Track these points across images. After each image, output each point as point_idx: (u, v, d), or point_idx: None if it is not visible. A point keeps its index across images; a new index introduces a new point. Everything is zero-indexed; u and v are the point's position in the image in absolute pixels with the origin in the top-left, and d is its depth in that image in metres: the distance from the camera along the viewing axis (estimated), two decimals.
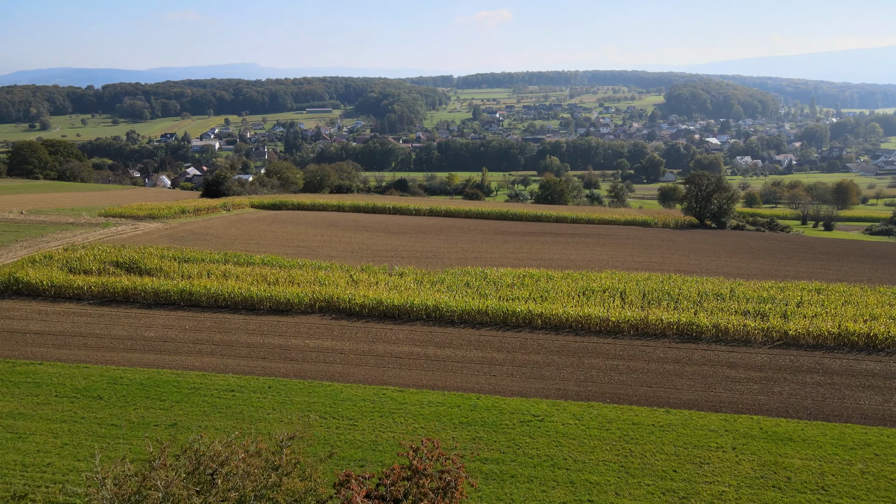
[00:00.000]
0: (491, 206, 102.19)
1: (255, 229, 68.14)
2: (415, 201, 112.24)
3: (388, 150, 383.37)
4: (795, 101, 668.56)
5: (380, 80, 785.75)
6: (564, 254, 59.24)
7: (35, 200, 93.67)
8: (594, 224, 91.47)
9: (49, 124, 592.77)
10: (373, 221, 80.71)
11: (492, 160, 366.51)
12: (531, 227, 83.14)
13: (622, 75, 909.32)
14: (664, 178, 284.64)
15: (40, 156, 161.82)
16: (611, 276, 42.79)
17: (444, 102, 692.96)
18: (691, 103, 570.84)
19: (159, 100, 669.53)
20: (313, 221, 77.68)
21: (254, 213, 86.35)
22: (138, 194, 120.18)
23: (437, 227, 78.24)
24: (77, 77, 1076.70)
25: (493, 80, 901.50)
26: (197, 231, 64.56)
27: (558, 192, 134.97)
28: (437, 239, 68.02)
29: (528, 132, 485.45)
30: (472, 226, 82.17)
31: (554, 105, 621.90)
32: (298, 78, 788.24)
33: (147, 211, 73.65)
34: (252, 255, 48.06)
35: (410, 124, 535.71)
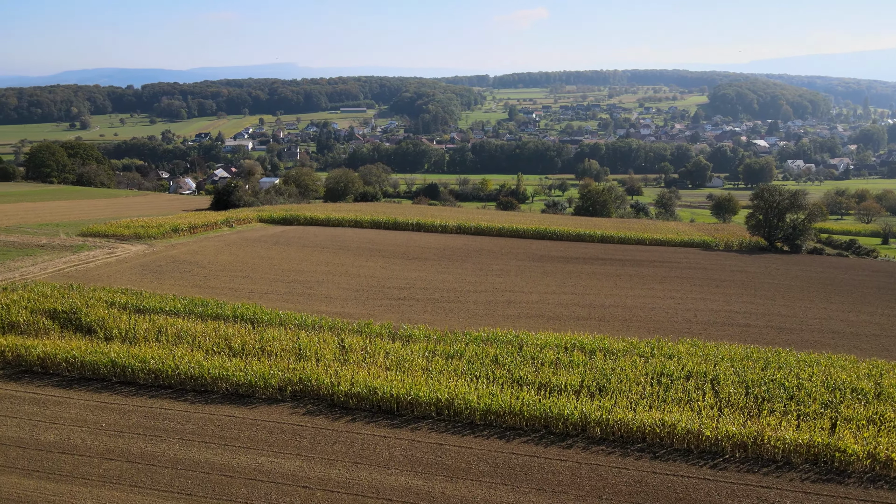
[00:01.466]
0: (527, 222, 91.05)
1: (250, 254, 58.44)
2: (442, 213, 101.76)
3: (420, 151, 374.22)
4: (846, 102, 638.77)
5: (415, 80, 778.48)
6: (619, 296, 47.93)
7: (26, 211, 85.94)
8: (645, 245, 79.74)
9: (89, 124, 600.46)
10: (391, 242, 70.42)
11: (527, 162, 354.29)
12: (573, 250, 71.82)
13: (663, 74, 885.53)
14: (711, 184, 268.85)
15: (58, 158, 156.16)
16: (691, 347, 31.47)
17: (479, 102, 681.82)
18: (736, 103, 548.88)
19: (196, 99, 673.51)
20: (323, 242, 67.72)
21: (260, 229, 76.90)
22: (148, 202, 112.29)
23: (465, 251, 67.57)
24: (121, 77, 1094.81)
25: (529, 79, 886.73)
26: (181, 258, 55.12)
27: (601, 203, 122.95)
28: (463, 268, 57.33)
29: (566, 133, 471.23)
30: (505, 247, 71.25)
31: (592, 105, 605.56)
32: (333, 77, 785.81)
33: (134, 229, 64.66)
34: (225, 303, 38.06)
35: (445, 125, 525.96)
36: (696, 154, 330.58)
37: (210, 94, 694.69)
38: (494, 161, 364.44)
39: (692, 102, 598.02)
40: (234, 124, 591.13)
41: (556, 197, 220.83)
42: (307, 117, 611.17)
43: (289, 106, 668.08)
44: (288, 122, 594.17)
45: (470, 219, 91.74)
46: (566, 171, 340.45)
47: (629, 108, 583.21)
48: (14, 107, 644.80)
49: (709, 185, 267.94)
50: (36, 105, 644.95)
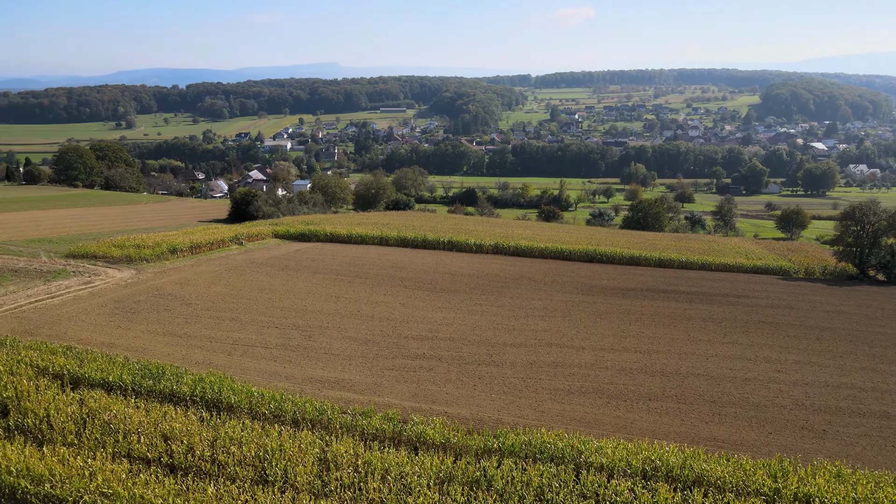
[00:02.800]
0: (572, 241, 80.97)
1: (250, 285, 50.03)
2: (478, 227, 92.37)
3: (459, 152, 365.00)
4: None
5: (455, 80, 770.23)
6: (696, 355, 37.80)
7: (28, 221, 79.73)
8: (711, 271, 68.96)
9: (134, 123, 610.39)
10: (418, 266, 61.35)
11: (569, 165, 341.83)
12: (628, 277, 61.63)
13: (711, 74, 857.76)
14: (767, 190, 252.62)
15: (86, 161, 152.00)
16: (835, 483, 21.13)
17: (520, 102, 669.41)
18: (791, 104, 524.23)
19: (238, 99, 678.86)
20: (338, 267, 59.05)
21: (272, 247, 68.75)
22: (166, 210, 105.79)
23: (502, 278, 58.09)
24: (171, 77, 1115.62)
25: (572, 79, 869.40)
26: (166, 290, 47.01)
27: (653, 216, 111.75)
28: (499, 306, 47.83)
29: (610, 134, 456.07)
30: (549, 273, 61.49)
31: (637, 105, 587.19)
32: (374, 77, 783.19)
33: (126, 250, 57.03)
34: (186, 372, 29.41)
35: (485, 125, 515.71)
36: (749, 157, 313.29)
37: (252, 93, 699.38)
38: (535, 163, 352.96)
39: (743, 103, 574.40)
40: (275, 124, 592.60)
41: (601, 204, 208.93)
42: (346, 117, 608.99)
43: (329, 105, 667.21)
44: (327, 122, 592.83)
45: (509, 235, 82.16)
46: (610, 174, 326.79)
47: (676, 109, 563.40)
48: (64, 106, 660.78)
49: (765, 191, 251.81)
50: (84, 104, 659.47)
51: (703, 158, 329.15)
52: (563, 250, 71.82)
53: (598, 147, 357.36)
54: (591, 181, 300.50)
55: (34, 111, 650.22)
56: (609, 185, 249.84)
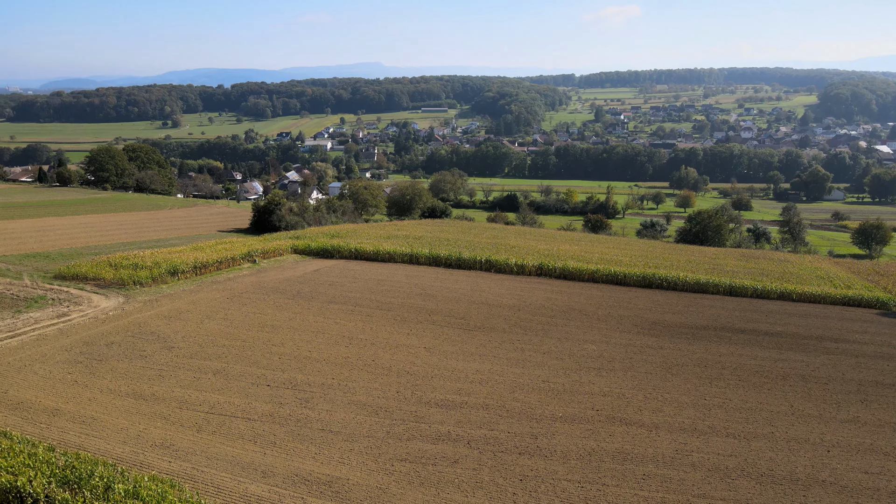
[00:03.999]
0: (626, 261, 71.77)
1: (251, 319, 42.64)
2: (520, 241, 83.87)
3: (501, 154, 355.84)
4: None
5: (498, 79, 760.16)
6: (810, 443, 28.64)
7: (33, 231, 74.44)
8: (793, 301, 59.07)
9: (180, 122, 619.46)
10: (450, 294, 53.24)
11: (615, 168, 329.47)
12: (696, 310, 52.34)
13: (764, 73, 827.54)
14: (830, 196, 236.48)
15: (118, 162, 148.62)
16: None
17: (564, 102, 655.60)
18: (851, 104, 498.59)
19: (281, 98, 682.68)
20: (359, 295, 51.33)
21: (288, 267, 61.55)
22: (187, 217, 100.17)
23: (547, 311, 49.55)
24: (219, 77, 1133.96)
25: (617, 78, 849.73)
26: (151, 326, 39.93)
27: (714, 229, 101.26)
28: (545, 352, 39.39)
29: (657, 136, 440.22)
30: (602, 303, 52.70)
31: (686, 106, 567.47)
32: (416, 77, 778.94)
33: (121, 271, 50.40)
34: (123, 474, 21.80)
35: (528, 125, 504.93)
36: (808, 161, 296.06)
37: (295, 93, 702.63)
38: (579, 165, 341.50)
39: (799, 103, 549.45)
40: (316, 123, 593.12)
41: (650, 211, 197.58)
42: (388, 117, 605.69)
43: (370, 105, 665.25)
44: (368, 122, 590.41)
45: (554, 253, 73.43)
46: (658, 177, 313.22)
47: (727, 110, 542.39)
48: (113, 105, 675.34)
49: (828, 198, 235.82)
50: (133, 104, 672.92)
51: (758, 162, 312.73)
52: (617, 274, 62.76)
53: (644, 149, 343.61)
54: (638, 185, 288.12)
55: (85, 110, 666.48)
56: (658, 189, 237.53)
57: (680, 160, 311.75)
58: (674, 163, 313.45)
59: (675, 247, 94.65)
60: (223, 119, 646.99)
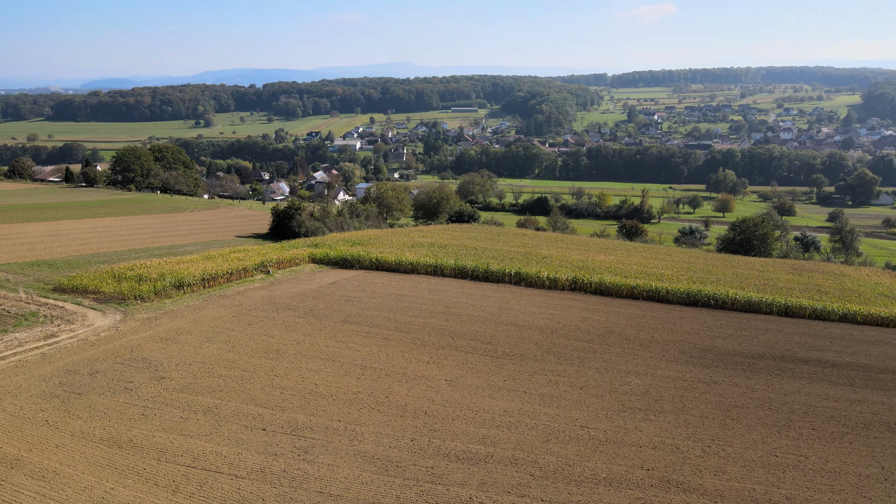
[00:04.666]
0: (668, 274, 66.35)
1: (255, 342, 38.66)
2: (552, 250, 78.95)
3: (531, 154, 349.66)
4: None
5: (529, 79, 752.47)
6: None
7: (45, 235, 71.84)
8: (856, 325, 53.31)
9: (212, 122, 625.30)
10: (475, 313, 48.68)
11: (649, 170, 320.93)
12: (749, 335, 46.95)
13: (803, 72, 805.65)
14: (879, 201, 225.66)
15: (143, 162, 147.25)
16: None
17: (596, 102, 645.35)
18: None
19: (311, 98, 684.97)
20: (376, 312, 47.07)
21: (304, 278, 57.66)
22: (207, 221, 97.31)
23: (584, 336, 44.68)
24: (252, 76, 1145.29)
25: (650, 78, 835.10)
26: (145, 350, 36.18)
27: (760, 237, 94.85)
28: (582, 388, 34.63)
29: (692, 137, 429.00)
30: (644, 325, 47.63)
31: (722, 106, 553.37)
32: (446, 76, 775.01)
33: (123, 284, 46.94)
34: None
35: (559, 126, 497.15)
36: (852, 163, 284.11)
37: (325, 92, 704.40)
38: (611, 167, 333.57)
39: (841, 103, 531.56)
40: (346, 123, 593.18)
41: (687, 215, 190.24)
42: (417, 116, 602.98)
43: (400, 105, 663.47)
44: (398, 122, 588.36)
45: (589, 264, 68.37)
46: (694, 179, 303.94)
47: (765, 110, 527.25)
48: (148, 105, 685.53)
49: (875, 202, 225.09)
50: (167, 103, 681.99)
51: (800, 164, 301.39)
52: (659, 290, 57.49)
53: (679, 150, 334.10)
54: (673, 187, 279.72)
55: (121, 110, 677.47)
56: (694, 193, 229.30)
57: (717, 162, 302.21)
58: (710, 164, 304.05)
59: (717, 257, 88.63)
60: (254, 119, 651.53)
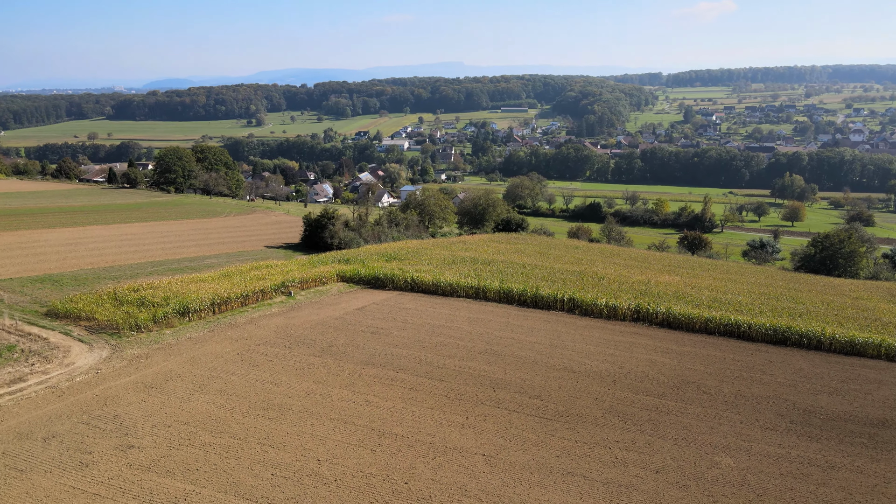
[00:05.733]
0: (746, 300, 57.41)
1: (255, 392, 32.23)
2: (608, 268, 70.73)
3: (583, 156, 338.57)
4: None
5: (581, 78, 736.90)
6: None
7: (64, 244, 67.58)
8: None
9: (263, 121, 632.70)
10: (523, 352, 41.24)
11: (707, 173, 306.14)
12: (864, 392, 38.12)
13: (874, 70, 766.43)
14: None
15: (185, 163, 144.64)
16: None
17: (650, 102, 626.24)
18: None
19: (361, 97, 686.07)
20: (405, 352, 40.16)
21: (328, 301, 51.24)
22: (237, 227, 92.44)
23: (653, 387, 36.74)
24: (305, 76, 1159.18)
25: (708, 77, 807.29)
26: (122, 402, 30.12)
27: (846, 255, 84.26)
28: (658, 470, 26.87)
29: (753, 138, 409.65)
30: (726, 373, 39.35)
31: (785, 106, 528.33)
32: (496, 76, 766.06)
33: (119, 310, 41.33)
34: None
35: (611, 127, 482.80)
36: None
37: (375, 91, 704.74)
38: (667, 170, 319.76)
39: None
40: (394, 122, 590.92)
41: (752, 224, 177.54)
42: (466, 116, 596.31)
43: (449, 104, 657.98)
44: (447, 122, 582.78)
45: (651, 286, 60.02)
46: (756, 184, 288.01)
47: (833, 110, 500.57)
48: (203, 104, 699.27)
49: None
50: (221, 103, 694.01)
51: (874, 168, 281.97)
52: (739, 325, 48.79)
53: (741, 153, 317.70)
54: (734, 192, 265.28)
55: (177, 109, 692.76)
56: (758, 199, 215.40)
57: (781, 165, 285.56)
58: (774, 168, 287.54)
59: (798, 278, 78.62)
60: (304, 118, 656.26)
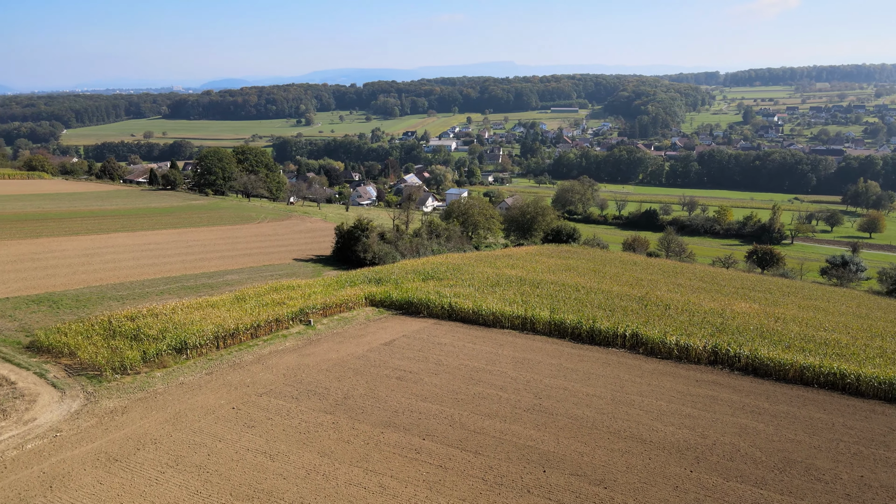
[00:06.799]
0: (846, 342, 48.35)
1: (238, 474, 25.73)
2: (672, 291, 62.28)
3: (635, 158, 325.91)
4: None
5: (634, 78, 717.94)
6: None
7: (75, 255, 63.04)
8: None
9: (312, 120, 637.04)
10: (578, 412, 33.70)
11: (769, 178, 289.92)
12: None
13: None
14: None
15: (225, 165, 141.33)
16: None
17: (707, 103, 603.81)
18: None
19: (409, 97, 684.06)
20: (434, 411, 33.14)
21: (353, 332, 44.71)
22: (267, 236, 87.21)
23: (748, 469, 28.70)
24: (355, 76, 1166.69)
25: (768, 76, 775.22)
26: (67, 486, 24.09)
27: None
28: None
29: (819, 140, 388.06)
30: (841, 455, 30.96)
31: (854, 106, 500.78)
32: (546, 76, 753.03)
33: (106, 344, 35.69)
34: None
35: (665, 128, 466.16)
36: None
37: (423, 91, 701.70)
38: (725, 174, 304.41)
39: None
40: (442, 122, 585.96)
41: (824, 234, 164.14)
42: (515, 116, 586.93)
43: (498, 104, 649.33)
44: (495, 122, 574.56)
45: (727, 318, 51.56)
46: (824, 190, 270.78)
47: None
48: (254, 104, 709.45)
49: None
50: (272, 102, 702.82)
51: None
52: (845, 376, 40.07)
53: (807, 156, 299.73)
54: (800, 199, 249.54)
55: (230, 108, 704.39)
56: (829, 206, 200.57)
57: (852, 170, 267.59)
58: (844, 173, 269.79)
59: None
60: (353, 117, 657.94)
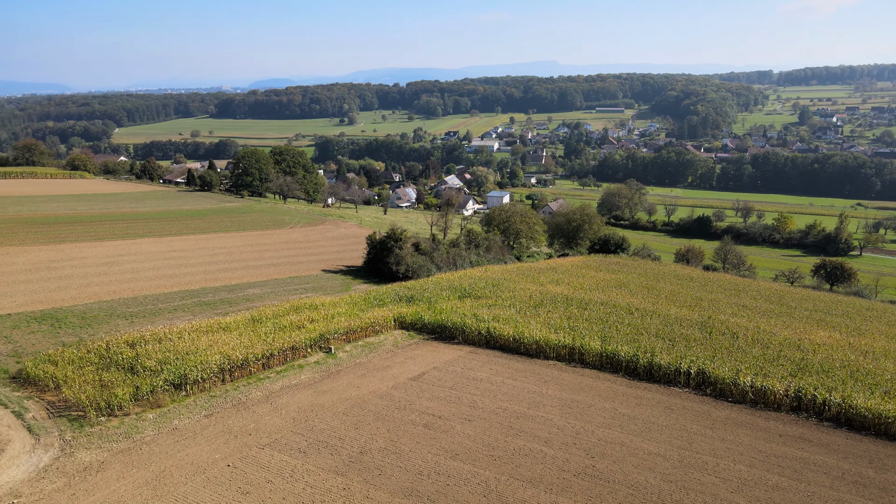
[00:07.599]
0: None
1: None
2: (737, 316, 55.55)
3: (684, 160, 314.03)
4: None
5: (682, 77, 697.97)
6: None
7: (98, 263, 59.78)
8: None
9: (355, 119, 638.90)
10: (640, 478, 27.89)
11: (829, 181, 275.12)
12: None
13: None
14: None
15: (262, 166, 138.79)
16: None
17: (760, 102, 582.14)
18: None
19: (452, 97, 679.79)
20: (465, 474, 27.75)
21: (379, 362, 39.74)
22: (298, 244, 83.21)
23: None
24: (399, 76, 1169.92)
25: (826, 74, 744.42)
26: None
27: None
28: None
29: (882, 142, 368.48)
30: None
31: None
32: (591, 75, 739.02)
33: (97, 379, 31.55)
34: None
35: (716, 128, 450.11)
36: None
37: (466, 91, 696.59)
38: (781, 177, 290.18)
39: None
40: (485, 122, 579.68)
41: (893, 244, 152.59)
42: (559, 116, 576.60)
43: (542, 104, 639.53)
44: (539, 122, 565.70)
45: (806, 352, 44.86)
46: (888, 195, 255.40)
47: None
48: (298, 103, 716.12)
49: None
50: (315, 102, 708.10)
51: None
52: None
53: (870, 159, 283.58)
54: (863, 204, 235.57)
55: (274, 108, 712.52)
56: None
57: None
58: None
59: None
60: (395, 117, 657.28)
